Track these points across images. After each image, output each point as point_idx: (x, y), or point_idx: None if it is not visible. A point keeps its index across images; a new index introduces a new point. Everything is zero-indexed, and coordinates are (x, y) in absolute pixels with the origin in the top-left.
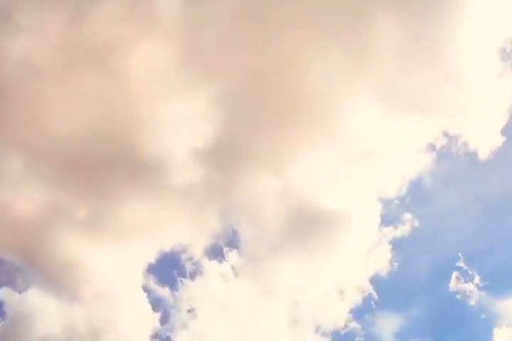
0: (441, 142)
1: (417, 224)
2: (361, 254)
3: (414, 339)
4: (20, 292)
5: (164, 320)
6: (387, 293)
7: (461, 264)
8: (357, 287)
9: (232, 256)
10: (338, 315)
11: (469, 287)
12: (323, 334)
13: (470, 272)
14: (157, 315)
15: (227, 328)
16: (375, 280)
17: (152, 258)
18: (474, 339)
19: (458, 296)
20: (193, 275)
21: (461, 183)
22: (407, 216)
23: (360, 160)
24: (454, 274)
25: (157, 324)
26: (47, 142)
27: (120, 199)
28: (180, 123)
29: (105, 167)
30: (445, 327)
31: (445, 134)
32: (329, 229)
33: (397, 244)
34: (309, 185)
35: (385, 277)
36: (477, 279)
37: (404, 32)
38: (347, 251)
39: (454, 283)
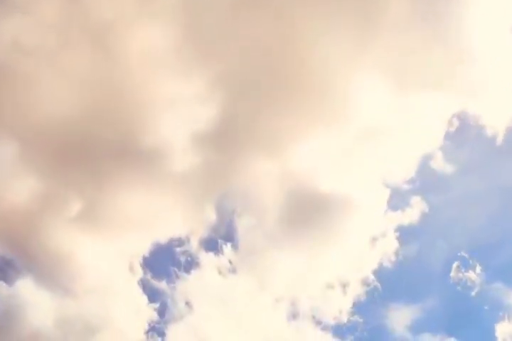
0: (454, 122)
1: (426, 209)
2: (365, 244)
3: (427, 333)
4: (11, 284)
5: (160, 313)
6: (393, 284)
7: (473, 254)
8: (360, 279)
9: (229, 248)
10: (339, 309)
11: (480, 278)
12: (324, 328)
13: (480, 263)
14: (152, 308)
15: (224, 321)
16: (379, 272)
17: (147, 250)
18: (488, 330)
19: (469, 287)
20: (188, 268)
21: (476, 167)
22: (416, 201)
23: (366, 141)
24: (464, 264)
25: (152, 317)
26: (39, 128)
27: (115, 189)
28: (178, 106)
29: (99, 154)
30: (457, 320)
31: (458, 114)
32: (331, 216)
33: (404, 232)
34: (311, 169)
35: (390, 268)
36: (488, 270)
37: (414, 6)
38: (350, 241)
39: (463, 274)
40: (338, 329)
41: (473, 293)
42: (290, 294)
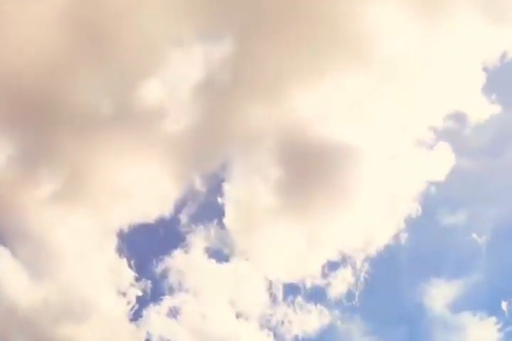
0: (496, 62)
1: (454, 163)
2: (382, 208)
3: (466, 311)
4: None
5: (145, 292)
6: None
7: None
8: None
9: (219, 222)
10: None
11: None
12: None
13: None
14: (138, 288)
15: (215, 304)
16: (394, 245)
17: (131, 227)
18: None
19: None
20: (175, 246)
21: None
22: (443, 151)
23: (387, 83)
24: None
25: (138, 297)
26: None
27: (99, 158)
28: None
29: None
30: (499, 298)
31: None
32: (341, 175)
33: (427, 195)
34: (318, 120)
35: (410, 239)
36: None
37: None
38: (364, 204)
39: None
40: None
41: None
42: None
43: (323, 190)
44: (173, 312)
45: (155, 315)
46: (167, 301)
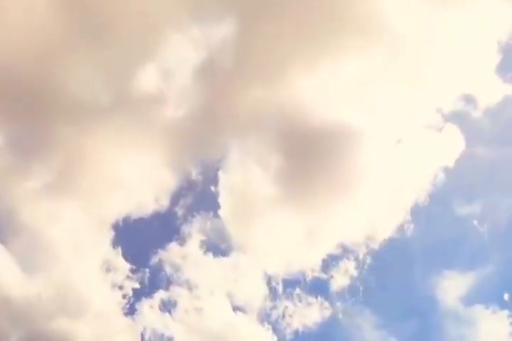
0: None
1: (464, 149)
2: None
3: (478, 304)
4: None
5: (141, 283)
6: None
7: None
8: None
9: (218, 213)
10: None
11: None
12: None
13: None
14: (133, 279)
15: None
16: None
17: (126, 218)
18: None
19: None
20: (170, 238)
21: None
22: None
23: (393, 64)
24: None
25: (133, 288)
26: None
27: (94, 146)
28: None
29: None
30: None
31: None
32: (345, 159)
33: (435, 182)
34: (321, 103)
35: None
36: None
37: None
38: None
39: None
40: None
41: None
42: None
43: (325, 178)
44: (169, 306)
45: (150, 308)
46: (162, 295)
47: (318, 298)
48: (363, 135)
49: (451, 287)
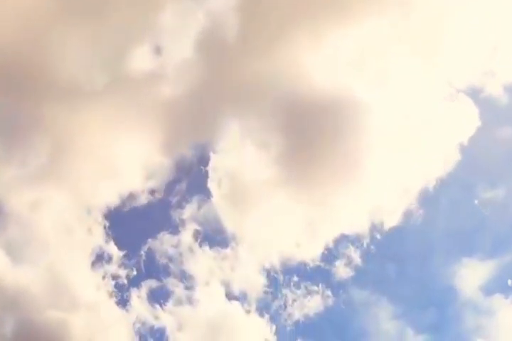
0: None
1: (479, 125)
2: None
3: (498, 294)
4: None
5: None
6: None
7: None
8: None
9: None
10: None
11: None
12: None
13: None
14: (124, 270)
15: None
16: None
17: (115, 204)
18: None
19: None
20: (161, 227)
21: None
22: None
23: (403, 32)
24: None
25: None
26: None
27: (82, 131)
28: None
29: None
30: None
31: None
32: (347, 140)
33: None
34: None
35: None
36: None
37: None
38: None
39: None
40: None
41: None
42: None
43: (329, 160)
44: (163, 296)
45: (143, 299)
46: (155, 285)
47: (320, 288)
48: (370, 112)
49: (469, 276)
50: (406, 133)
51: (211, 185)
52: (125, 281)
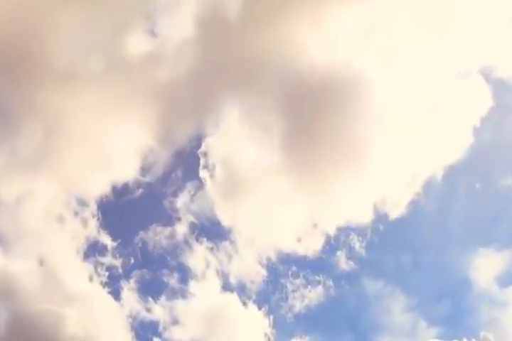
0: None
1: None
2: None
3: None
4: None
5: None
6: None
7: None
8: None
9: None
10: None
11: None
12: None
13: None
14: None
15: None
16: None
17: (110, 194)
18: None
19: None
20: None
21: None
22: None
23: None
24: None
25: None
26: None
27: (76, 116)
28: None
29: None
30: None
31: None
32: (352, 123)
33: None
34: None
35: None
36: None
37: None
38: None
39: None
40: None
41: None
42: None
43: (331, 145)
44: (157, 289)
45: (135, 291)
46: (149, 276)
47: (322, 279)
48: (375, 91)
49: (486, 266)
50: (413, 114)
51: (208, 172)
52: (119, 271)
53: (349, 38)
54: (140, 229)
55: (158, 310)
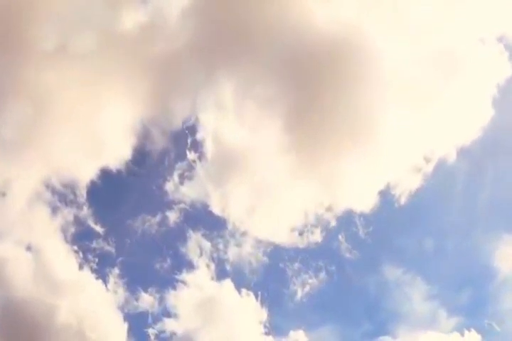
0: None
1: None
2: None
3: None
4: None
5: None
6: None
7: None
8: None
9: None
10: None
11: None
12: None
13: None
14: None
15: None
16: None
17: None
18: None
19: None
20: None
21: None
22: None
23: None
24: None
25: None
26: None
27: (62, 95)
28: None
29: None
30: None
31: None
32: (360, 98)
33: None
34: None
35: None
36: None
37: None
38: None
39: None
40: None
41: None
42: None
43: (337, 123)
44: (151, 278)
45: (128, 282)
46: (142, 265)
47: (322, 266)
48: (384, 60)
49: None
50: (426, 86)
51: (201, 153)
52: (110, 258)
53: (356, 0)
54: (130, 215)
55: (149, 299)
